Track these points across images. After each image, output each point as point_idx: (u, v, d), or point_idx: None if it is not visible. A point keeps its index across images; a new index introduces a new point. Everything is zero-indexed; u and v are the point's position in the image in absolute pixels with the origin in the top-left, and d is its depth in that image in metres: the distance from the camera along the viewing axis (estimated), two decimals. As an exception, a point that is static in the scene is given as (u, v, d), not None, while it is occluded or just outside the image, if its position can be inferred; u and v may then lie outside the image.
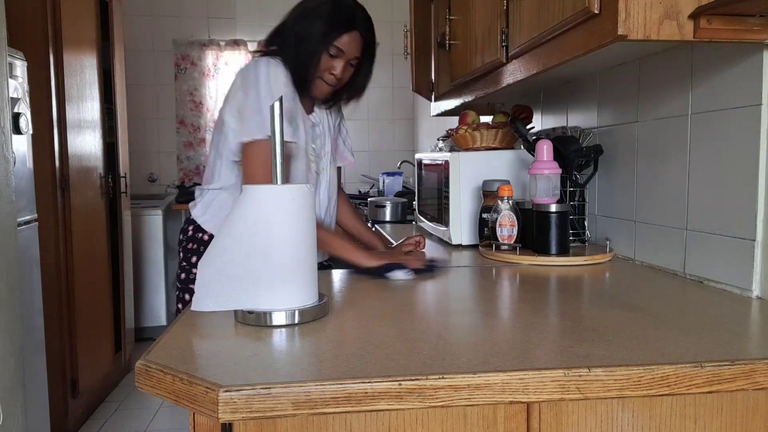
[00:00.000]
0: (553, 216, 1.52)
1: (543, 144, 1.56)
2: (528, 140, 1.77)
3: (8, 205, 1.85)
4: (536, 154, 1.57)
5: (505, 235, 1.61)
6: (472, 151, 1.92)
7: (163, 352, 0.85)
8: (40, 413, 2.28)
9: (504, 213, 1.61)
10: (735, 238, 1.18)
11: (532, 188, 1.57)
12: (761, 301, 1.11)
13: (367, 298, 1.20)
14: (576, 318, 1.02)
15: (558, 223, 1.52)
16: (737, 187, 1.17)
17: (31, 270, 2.30)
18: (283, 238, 1.00)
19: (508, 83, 1.57)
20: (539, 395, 0.76)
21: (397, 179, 4.18)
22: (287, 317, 0.99)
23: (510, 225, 1.61)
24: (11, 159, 1.89)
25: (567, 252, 1.54)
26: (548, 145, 1.55)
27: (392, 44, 4.67)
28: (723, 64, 1.19)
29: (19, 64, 2.29)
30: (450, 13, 2.04)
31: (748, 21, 1.01)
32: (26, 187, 2.30)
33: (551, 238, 1.53)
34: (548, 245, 1.53)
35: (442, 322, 1.02)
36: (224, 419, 0.72)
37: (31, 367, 2.18)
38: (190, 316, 1.06)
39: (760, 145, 1.11)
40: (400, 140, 4.88)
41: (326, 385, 0.73)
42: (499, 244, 1.63)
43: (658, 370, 0.77)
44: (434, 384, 0.74)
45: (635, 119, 1.51)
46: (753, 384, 0.79)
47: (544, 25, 1.27)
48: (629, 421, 0.82)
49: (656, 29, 1.00)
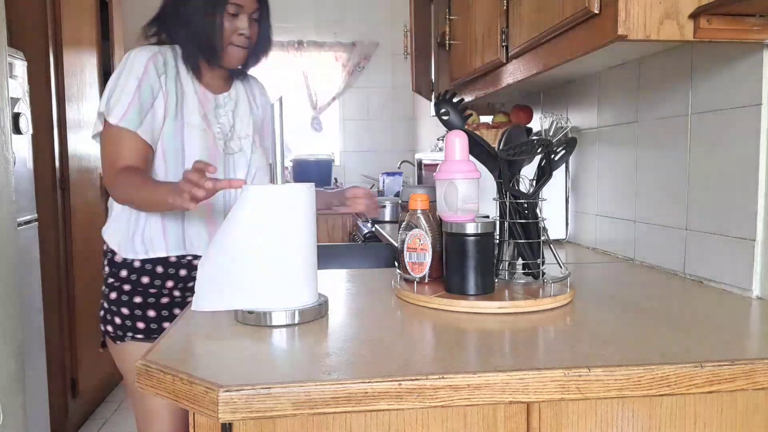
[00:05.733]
0: (470, 241, 1.09)
1: (454, 137, 1.15)
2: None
3: (8, 205, 1.85)
4: (445, 151, 1.17)
5: (415, 261, 1.17)
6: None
7: (163, 352, 0.86)
8: (40, 413, 2.28)
9: (413, 233, 1.17)
10: (735, 238, 1.18)
11: (439, 200, 1.16)
12: (761, 301, 1.11)
13: (367, 297, 1.20)
14: (576, 318, 1.02)
15: (477, 250, 1.09)
16: (737, 187, 1.17)
17: (31, 270, 2.30)
18: (283, 237, 1.00)
19: (508, 83, 1.57)
20: (539, 395, 0.76)
21: (397, 179, 4.18)
22: (287, 317, 0.99)
23: (421, 249, 1.16)
24: (11, 159, 1.89)
25: (491, 290, 1.11)
26: (462, 139, 1.14)
27: (392, 44, 4.66)
28: (723, 64, 1.19)
29: (19, 64, 2.29)
30: (450, 13, 2.04)
31: (748, 21, 1.01)
32: (26, 187, 2.30)
33: (467, 273, 1.09)
34: (462, 283, 1.10)
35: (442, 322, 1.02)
36: (224, 419, 0.72)
37: (31, 367, 2.18)
38: (190, 316, 1.06)
39: (760, 145, 1.11)
40: (400, 140, 4.88)
41: (326, 385, 0.73)
42: (407, 276, 1.19)
43: (658, 370, 0.77)
44: (434, 384, 0.74)
45: (635, 119, 1.51)
46: (753, 384, 0.79)
47: (544, 25, 1.27)
48: (629, 421, 0.82)
49: (656, 29, 1.00)
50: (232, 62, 1.45)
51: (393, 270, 1.35)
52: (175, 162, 1.40)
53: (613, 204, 1.63)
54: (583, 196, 1.80)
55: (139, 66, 1.38)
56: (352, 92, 4.82)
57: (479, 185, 1.14)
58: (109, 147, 1.37)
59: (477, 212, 1.14)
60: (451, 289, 1.12)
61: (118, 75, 1.38)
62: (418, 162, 2.34)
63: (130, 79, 1.36)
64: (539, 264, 1.19)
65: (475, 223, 1.10)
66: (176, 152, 1.40)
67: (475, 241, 1.09)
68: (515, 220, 1.20)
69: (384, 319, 1.04)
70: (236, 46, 1.42)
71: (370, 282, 1.33)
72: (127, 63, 1.39)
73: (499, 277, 1.21)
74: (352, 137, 4.87)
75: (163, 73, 1.40)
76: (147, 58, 1.38)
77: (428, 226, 1.16)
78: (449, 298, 1.08)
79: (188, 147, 1.40)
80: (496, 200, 1.23)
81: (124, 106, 1.35)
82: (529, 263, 1.19)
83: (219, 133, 1.46)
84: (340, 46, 4.76)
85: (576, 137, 1.28)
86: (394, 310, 1.09)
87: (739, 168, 1.16)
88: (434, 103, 1.32)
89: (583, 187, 1.80)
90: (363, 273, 1.45)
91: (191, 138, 1.41)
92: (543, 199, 1.23)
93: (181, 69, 1.43)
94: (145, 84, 1.36)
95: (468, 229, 1.09)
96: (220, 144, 1.46)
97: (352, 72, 4.79)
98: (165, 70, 1.40)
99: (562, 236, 1.89)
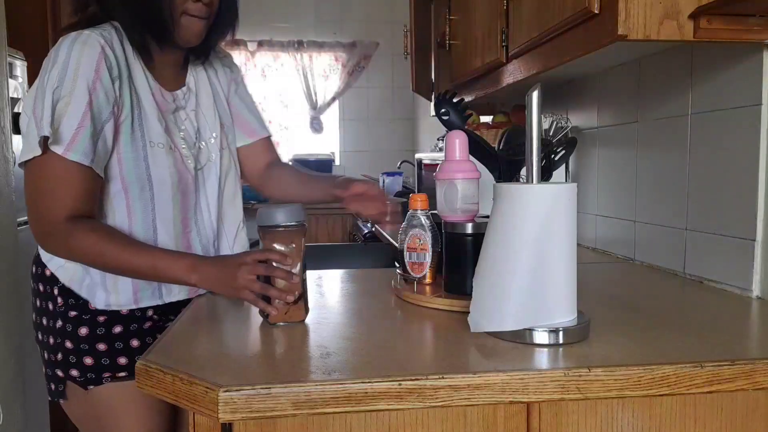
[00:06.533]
0: (469, 240, 1.08)
1: (454, 137, 1.15)
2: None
3: (8, 205, 1.85)
4: (445, 151, 1.17)
5: (415, 261, 1.18)
6: (472, 151, 1.91)
7: (163, 352, 0.85)
8: (40, 413, 2.28)
9: (414, 232, 1.17)
10: (735, 238, 1.18)
11: (439, 200, 1.16)
12: (761, 301, 1.11)
13: (367, 297, 1.20)
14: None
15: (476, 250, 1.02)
16: (737, 187, 1.17)
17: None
18: (562, 245, 0.87)
19: (508, 83, 1.57)
20: (539, 395, 0.76)
21: (397, 179, 4.18)
22: (551, 338, 0.87)
23: (420, 249, 1.17)
24: (11, 159, 1.89)
25: None
26: (461, 139, 1.14)
27: (392, 44, 4.66)
28: (723, 64, 1.19)
29: (19, 64, 2.29)
30: (450, 13, 2.04)
31: (748, 21, 1.01)
32: (26, 187, 2.30)
33: (466, 273, 1.06)
34: (461, 282, 1.09)
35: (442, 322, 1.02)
36: (224, 419, 0.72)
37: (31, 367, 2.17)
38: (190, 316, 1.06)
39: (760, 145, 1.11)
40: (400, 140, 4.88)
41: (326, 385, 0.73)
42: (406, 275, 1.18)
43: (658, 370, 0.77)
44: (434, 384, 0.74)
45: (635, 119, 1.51)
46: (753, 384, 0.79)
47: (544, 25, 1.27)
48: (629, 421, 0.82)
49: (656, 29, 1.00)
50: (189, 38, 1.11)
51: (393, 270, 1.35)
52: (141, 196, 1.11)
53: (613, 204, 1.63)
54: (583, 196, 1.80)
55: (88, 68, 1.02)
56: (352, 92, 4.82)
57: (479, 185, 1.14)
58: (50, 184, 1.03)
59: (477, 212, 1.13)
60: (449, 288, 1.11)
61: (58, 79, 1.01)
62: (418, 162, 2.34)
63: (77, 90, 1.01)
64: None
65: (474, 222, 1.09)
66: (141, 183, 1.10)
67: (473, 241, 1.07)
68: None
69: (384, 319, 1.04)
70: (192, 17, 1.09)
71: (370, 282, 1.33)
72: (70, 62, 1.01)
73: None
74: (352, 137, 4.87)
75: (117, 76, 1.07)
76: (97, 56, 1.03)
77: (429, 226, 1.16)
78: (448, 298, 1.08)
79: (155, 174, 1.11)
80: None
81: (71, 129, 1.01)
82: None
83: (184, 148, 1.17)
84: (340, 46, 4.76)
85: (576, 137, 1.28)
86: (394, 310, 1.09)
87: (739, 168, 1.16)
88: (434, 103, 1.29)
89: (583, 187, 1.80)
90: (363, 273, 1.45)
91: (156, 161, 1.11)
92: None
93: (130, 59, 1.11)
94: (98, 97, 1.03)
95: (467, 229, 1.08)
96: (189, 163, 1.18)
97: (352, 72, 4.79)
98: (119, 71, 1.07)
99: (562, 236, 1.88)
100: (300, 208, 0.99)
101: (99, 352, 1.13)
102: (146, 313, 1.18)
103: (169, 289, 1.17)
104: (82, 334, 1.13)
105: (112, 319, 1.15)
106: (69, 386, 1.15)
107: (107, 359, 1.14)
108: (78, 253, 1.06)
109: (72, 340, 1.13)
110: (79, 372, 1.13)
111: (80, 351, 1.13)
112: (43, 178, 1.04)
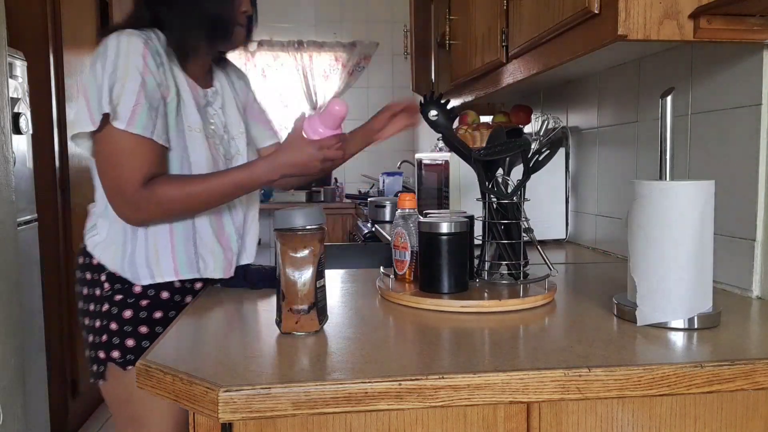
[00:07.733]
0: (443, 240, 1.11)
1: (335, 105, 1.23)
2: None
3: (8, 205, 1.85)
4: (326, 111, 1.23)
5: (398, 259, 1.22)
6: (472, 151, 1.91)
7: (163, 352, 0.86)
8: (40, 413, 2.28)
9: (397, 231, 1.21)
10: (735, 238, 1.18)
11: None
12: (761, 301, 1.11)
13: (366, 297, 1.19)
14: (576, 318, 1.02)
15: (449, 249, 1.11)
16: (737, 187, 1.17)
17: (31, 270, 2.30)
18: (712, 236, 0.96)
19: (508, 83, 1.57)
20: (539, 395, 0.76)
21: (397, 179, 4.18)
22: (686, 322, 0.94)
23: (402, 247, 1.20)
24: (11, 159, 1.89)
25: (464, 289, 1.12)
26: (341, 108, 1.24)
27: (392, 44, 4.67)
28: (723, 64, 1.19)
29: (19, 64, 2.29)
30: (450, 13, 2.04)
31: (748, 21, 1.01)
32: (26, 187, 2.30)
33: (438, 272, 1.11)
34: (432, 281, 1.12)
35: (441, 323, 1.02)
36: (224, 419, 0.72)
37: (31, 367, 2.18)
38: (190, 316, 1.06)
39: (760, 145, 1.11)
40: (400, 140, 4.87)
41: (326, 385, 0.73)
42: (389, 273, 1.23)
43: (658, 370, 0.77)
44: (434, 384, 0.74)
45: (635, 119, 1.51)
46: (753, 384, 0.79)
47: (544, 25, 1.27)
48: (629, 421, 0.82)
49: (656, 29, 1.00)
50: (238, 43, 1.31)
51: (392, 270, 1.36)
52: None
53: (613, 204, 1.63)
54: (583, 196, 1.80)
55: (136, 56, 1.13)
56: (352, 92, 4.83)
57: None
58: (119, 159, 1.13)
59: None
60: (422, 286, 1.14)
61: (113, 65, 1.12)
62: (418, 162, 2.34)
63: (130, 74, 1.12)
64: (520, 265, 1.20)
65: (449, 222, 1.12)
66: (181, 163, 1.21)
67: (448, 241, 1.11)
68: (495, 220, 1.21)
69: (384, 319, 1.04)
70: (239, 25, 1.27)
71: (369, 282, 1.33)
72: (120, 50, 1.13)
73: (480, 277, 1.22)
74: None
75: (161, 63, 1.18)
76: (142, 45, 1.14)
77: (412, 225, 1.19)
78: (419, 296, 1.10)
79: (193, 155, 1.22)
80: (479, 200, 1.24)
81: (129, 107, 1.11)
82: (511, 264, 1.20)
83: (214, 137, 1.29)
84: (340, 46, 4.76)
85: (561, 137, 1.29)
86: (394, 311, 1.09)
87: (739, 168, 1.16)
88: (421, 104, 1.31)
89: (583, 187, 1.80)
90: (363, 273, 1.44)
91: (194, 144, 1.22)
92: (527, 199, 1.23)
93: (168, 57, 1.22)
94: (149, 79, 1.14)
95: (441, 228, 1.11)
96: (219, 150, 1.29)
97: (352, 72, 4.79)
98: (161, 60, 1.18)
99: (562, 236, 1.89)
100: (319, 210, 0.97)
101: (140, 335, 1.21)
102: (185, 299, 1.26)
103: (206, 263, 1.25)
104: (126, 317, 1.21)
105: (154, 303, 1.22)
106: (109, 368, 1.21)
107: (147, 342, 1.20)
108: (167, 207, 1.16)
109: (117, 322, 1.21)
110: (120, 353, 1.20)
111: (123, 333, 1.20)
112: (113, 153, 1.14)
